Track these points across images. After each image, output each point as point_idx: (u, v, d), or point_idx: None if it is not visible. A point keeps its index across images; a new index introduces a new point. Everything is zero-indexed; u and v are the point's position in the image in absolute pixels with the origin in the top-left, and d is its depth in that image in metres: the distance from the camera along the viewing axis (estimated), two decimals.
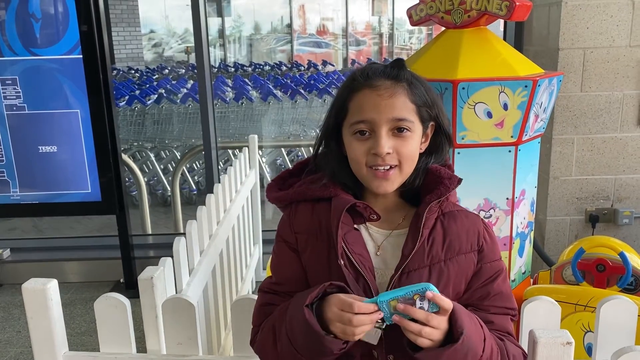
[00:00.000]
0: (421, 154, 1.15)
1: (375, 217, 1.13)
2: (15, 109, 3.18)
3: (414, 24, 2.18)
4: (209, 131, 3.71)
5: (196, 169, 6.05)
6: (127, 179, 4.58)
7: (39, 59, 3.12)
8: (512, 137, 1.96)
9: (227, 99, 6.70)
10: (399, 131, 1.09)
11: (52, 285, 1.29)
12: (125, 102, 6.54)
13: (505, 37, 3.32)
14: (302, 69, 11.64)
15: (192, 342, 1.38)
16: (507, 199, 2.05)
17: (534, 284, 2.24)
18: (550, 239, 3.06)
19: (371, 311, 0.97)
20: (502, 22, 3.06)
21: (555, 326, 1.37)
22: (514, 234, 2.11)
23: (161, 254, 1.60)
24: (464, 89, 1.85)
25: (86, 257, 3.74)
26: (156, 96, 6.82)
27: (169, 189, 5.34)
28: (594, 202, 3.01)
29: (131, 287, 3.41)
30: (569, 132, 2.92)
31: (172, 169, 5.58)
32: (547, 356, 1.06)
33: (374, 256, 1.12)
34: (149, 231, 4.48)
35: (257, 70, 11.36)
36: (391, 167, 1.10)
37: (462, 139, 1.93)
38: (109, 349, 1.39)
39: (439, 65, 1.98)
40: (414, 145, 1.11)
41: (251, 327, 1.20)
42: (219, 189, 2.32)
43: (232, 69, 11.51)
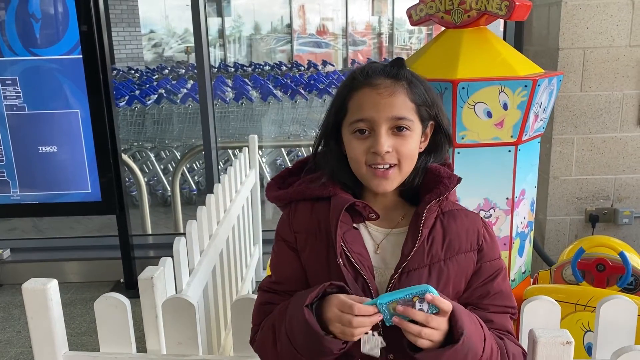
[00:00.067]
0: (420, 153, 1.15)
1: (374, 216, 1.13)
2: (15, 109, 3.18)
3: (413, 23, 2.18)
4: (209, 131, 3.71)
5: (196, 169, 6.05)
6: (127, 179, 4.58)
7: (39, 59, 3.12)
8: (512, 136, 1.96)
9: (227, 99, 6.70)
10: (398, 130, 1.09)
11: (52, 285, 1.30)
12: (125, 102, 6.54)
13: (505, 37, 3.32)
14: (302, 69, 11.64)
15: (192, 342, 1.38)
16: (507, 198, 2.05)
17: (534, 283, 2.24)
18: (550, 239, 3.06)
19: (371, 313, 0.97)
20: (502, 22, 3.06)
21: (555, 326, 1.37)
22: (514, 234, 2.11)
23: (161, 254, 1.60)
24: (463, 88, 1.85)
25: (86, 257, 3.74)
26: (156, 96, 6.82)
27: (169, 189, 5.34)
28: (594, 202, 3.01)
29: (131, 287, 3.41)
30: (569, 132, 2.92)
31: (172, 169, 5.58)
32: (547, 356, 1.06)
33: (373, 255, 1.12)
34: (149, 231, 4.48)
35: (257, 70, 11.36)
36: (390, 166, 1.10)
37: (462, 138, 1.93)
38: (109, 348, 1.39)
39: (438, 65, 1.98)
40: (414, 144, 1.11)
41: (251, 326, 1.20)
42: (219, 189, 2.32)
43: (232, 69, 11.51)
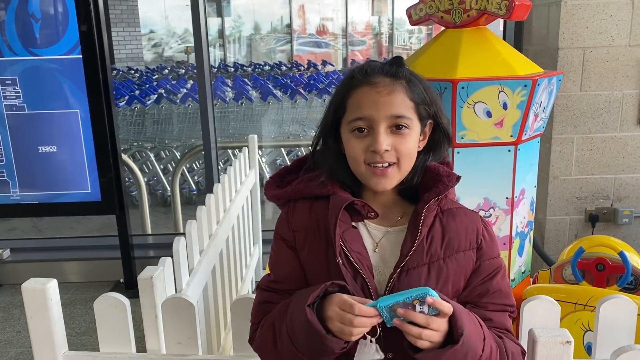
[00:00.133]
0: (419, 152, 1.15)
1: (373, 215, 1.13)
2: (15, 109, 3.18)
3: (413, 23, 2.18)
4: (208, 131, 3.71)
5: (196, 169, 6.06)
6: (127, 179, 4.58)
7: (39, 59, 3.12)
8: (511, 136, 1.96)
9: (227, 99, 6.70)
10: (397, 128, 1.09)
11: (52, 285, 1.30)
12: (125, 102, 6.54)
13: (504, 37, 3.32)
14: (302, 69, 11.64)
15: (192, 342, 1.38)
16: (507, 198, 2.05)
17: (534, 283, 2.24)
18: (549, 239, 3.06)
19: (371, 315, 0.97)
20: (501, 21, 3.06)
21: (554, 325, 1.37)
22: (514, 234, 2.11)
23: (161, 254, 1.60)
24: (463, 88, 1.85)
25: (86, 257, 3.74)
26: (156, 96, 6.82)
27: (168, 189, 5.34)
28: (594, 202, 3.01)
29: (131, 287, 3.41)
30: (569, 132, 2.92)
31: (172, 169, 5.58)
32: (546, 355, 1.06)
33: (372, 253, 1.12)
34: (149, 231, 4.48)
35: (256, 70, 11.36)
36: (389, 165, 1.10)
37: (462, 138, 1.93)
38: (108, 348, 1.39)
39: (438, 64, 1.98)
40: (412, 142, 1.11)
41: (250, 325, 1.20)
42: (219, 188, 2.32)
43: (232, 69, 11.51)
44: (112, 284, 3.59)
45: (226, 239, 2.36)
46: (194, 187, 5.71)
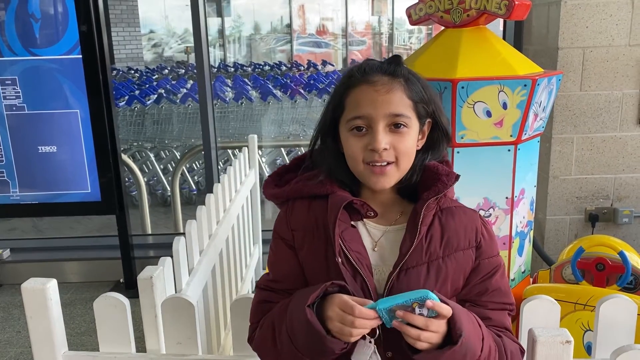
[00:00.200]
0: (418, 151, 1.15)
1: (372, 214, 1.13)
2: (14, 109, 3.18)
3: (413, 23, 2.18)
4: (208, 131, 3.71)
5: (196, 169, 6.06)
6: (127, 179, 4.59)
7: (39, 59, 3.12)
8: (511, 136, 1.96)
9: (227, 99, 6.70)
10: (395, 127, 1.09)
11: (52, 285, 1.29)
12: (125, 102, 6.54)
13: (504, 37, 3.32)
14: (302, 68, 11.64)
15: (192, 342, 1.38)
16: (507, 198, 2.05)
17: (534, 283, 2.24)
18: (549, 238, 3.06)
19: (371, 317, 0.97)
20: (501, 21, 3.06)
21: (554, 325, 1.37)
22: (514, 233, 2.11)
23: (161, 253, 1.60)
24: (463, 88, 1.85)
25: (86, 257, 3.74)
26: (156, 96, 6.82)
27: (168, 189, 5.34)
28: (594, 201, 3.01)
29: (131, 287, 3.41)
30: (569, 131, 2.92)
31: (171, 169, 5.58)
32: (546, 355, 1.06)
33: (371, 252, 1.12)
34: (149, 231, 4.48)
35: (256, 70, 11.36)
36: (388, 163, 1.10)
37: (462, 138, 1.93)
38: (108, 348, 1.39)
39: (438, 64, 1.98)
40: (411, 141, 1.11)
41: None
42: (219, 188, 2.32)
43: (232, 69, 11.51)
44: (112, 284, 3.59)
45: (226, 238, 2.36)
46: (194, 187, 5.71)
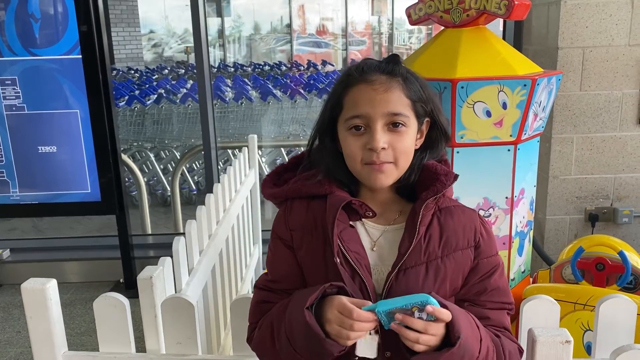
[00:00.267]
0: (416, 150, 1.15)
1: (370, 214, 1.13)
2: (14, 109, 3.18)
3: (413, 23, 2.18)
4: (208, 131, 3.71)
5: (196, 169, 6.06)
6: (127, 179, 4.59)
7: (39, 59, 3.13)
8: (511, 136, 1.96)
9: (227, 99, 6.70)
10: (394, 126, 1.08)
11: (52, 285, 1.29)
12: (125, 102, 6.54)
13: (504, 36, 3.32)
14: (302, 68, 11.64)
15: (192, 342, 1.38)
16: (507, 198, 2.05)
17: (534, 282, 2.24)
18: (549, 238, 3.06)
19: (369, 320, 0.97)
20: (501, 21, 3.06)
21: (554, 325, 1.37)
22: (514, 233, 2.11)
23: (161, 253, 1.60)
24: (463, 88, 1.85)
25: (86, 257, 3.74)
26: (156, 96, 6.82)
27: (168, 189, 5.34)
28: (594, 201, 3.01)
29: (131, 287, 3.42)
30: (569, 131, 2.92)
31: (171, 169, 5.58)
32: (546, 355, 1.06)
33: (370, 252, 1.12)
34: (149, 231, 4.49)
35: (256, 70, 11.36)
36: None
37: (461, 138, 1.93)
38: (108, 348, 1.38)
39: (438, 64, 1.98)
40: (409, 140, 1.11)
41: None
42: (219, 188, 2.32)
43: (232, 69, 11.51)
44: (112, 284, 3.59)
45: (226, 238, 2.36)
46: (194, 187, 5.71)
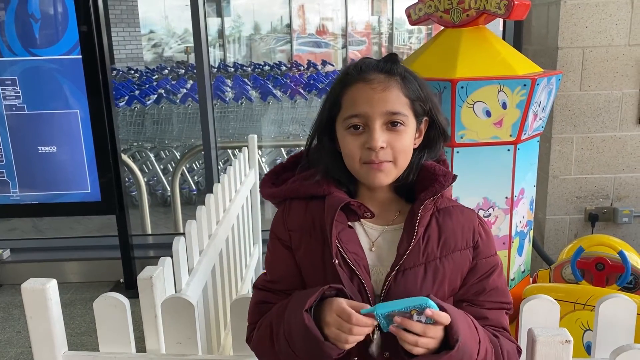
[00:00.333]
0: (415, 150, 1.14)
1: (369, 215, 1.12)
2: (14, 109, 3.18)
3: (412, 23, 2.18)
4: (208, 131, 3.71)
5: (196, 169, 6.06)
6: (127, 179, 4.59)
7: (39, 60, 3.12)
8: (511, 136, 1.96)
9: (227, 99, 6.70)
10: (392, 125, 1.08)
11: (52, 285, 1.29)
12: (124, 102, 6.54)
13: (504, 36, 3.32)
14: (302, 68, 11.65)
15: (192, 342, 1.38)
16: (507, 197, 2.05)
17: (534, 282, 2.25)
18: (549, 238, 3.06)
19: (368, 325, 0.97)
20: (501, 21, 3.06)
21: (554, 325, 1.37)
22: (513, 233, 2.11)
23: (161, 254, 1.60)
24: (462, 88, 1.86)
25: (86, 257, 3.74)
26: (156, 96, 6.83)
27: (168, 189, 5.34)
28: (594, 201, 3.01)
29: (131, 287, 3.41)
30: (568, 131, 2.92)
31: (171, 169, 5.58)
32: (546, 354, 1.06)
33: (369, 253, 1.12)
34: (149, 231, 4.48)
35: (256, 70, 11.37)
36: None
37: (461, 137, 1.93)
38: (108, 348, 1.38)
39: (437, 64, 1.98)
40: (408, 139, 1.10)
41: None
42: (219, 188, 2.32)
43: (232, 69, 11.52)
44: (112, 284, 3.59)
45: (226, 239, 2.36)
46: (194, 187, 5.71)
